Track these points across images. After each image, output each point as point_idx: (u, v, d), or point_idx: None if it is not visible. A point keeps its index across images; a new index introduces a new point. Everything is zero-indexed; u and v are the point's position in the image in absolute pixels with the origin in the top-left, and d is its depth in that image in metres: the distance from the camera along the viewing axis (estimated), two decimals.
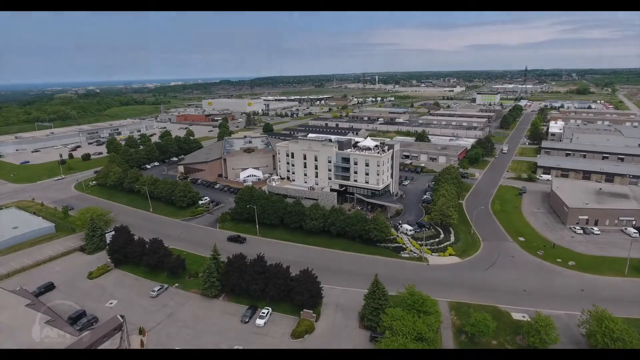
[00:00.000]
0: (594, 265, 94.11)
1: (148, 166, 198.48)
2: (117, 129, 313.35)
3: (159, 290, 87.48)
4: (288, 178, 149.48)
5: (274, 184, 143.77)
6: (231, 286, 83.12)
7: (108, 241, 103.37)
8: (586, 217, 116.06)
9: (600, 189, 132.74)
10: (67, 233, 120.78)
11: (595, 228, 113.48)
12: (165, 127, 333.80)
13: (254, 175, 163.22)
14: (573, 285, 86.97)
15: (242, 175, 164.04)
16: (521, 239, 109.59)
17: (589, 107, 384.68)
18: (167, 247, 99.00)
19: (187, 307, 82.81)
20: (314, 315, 75.60)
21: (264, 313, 77.28)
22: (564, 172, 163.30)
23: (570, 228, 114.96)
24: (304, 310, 75.85)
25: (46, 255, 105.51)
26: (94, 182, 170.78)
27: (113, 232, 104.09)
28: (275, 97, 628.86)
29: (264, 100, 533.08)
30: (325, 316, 78.06)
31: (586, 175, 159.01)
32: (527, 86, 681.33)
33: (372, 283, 72.67)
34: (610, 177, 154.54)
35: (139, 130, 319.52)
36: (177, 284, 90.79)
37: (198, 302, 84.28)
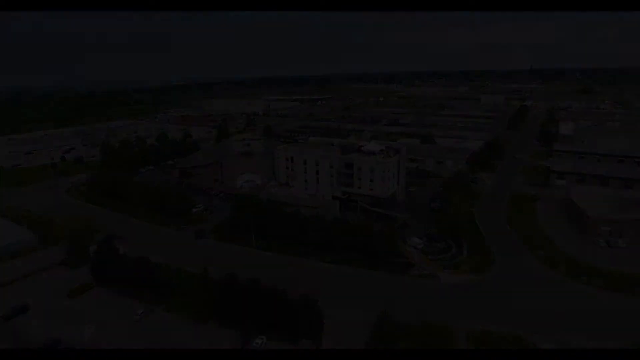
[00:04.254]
0: (625, 285, 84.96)
1: (142, 170, 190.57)
2: (114, 131, 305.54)
3: (142, 313, 79.27)
4: (287, 184, 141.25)
5: (272, 191, 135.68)
6: (221, 311, 74.84)
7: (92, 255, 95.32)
8: (609, 228, 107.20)
9: (623, 196, 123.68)
10: (50, 245, 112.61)
11: (620, 240, 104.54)
12: (163, 129, 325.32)
13: (252, 181, 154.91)
14: (604, 309, 78.04)
15: (240, 180, 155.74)
16: (540, 252, 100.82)
17: (597, 107, 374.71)
18: (154, 262, 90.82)
19: (173, 333, 74.53)
20: (314, 346, 67.06)
21: (257, 343, 68.89)
22: (579, 177, 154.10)
23: (593, 240, 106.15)
24: (303, 341, 67.36)
25: (24, 270, 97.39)
26: (84, 187, 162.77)
27: (97, 246, 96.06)
28: (277, 97, 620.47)
29: (265, 100, 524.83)
30: (325, 347, 69.44)
31: (604, 180, 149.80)
32: (532, 86, 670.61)
33: (379, 317, 63.71)
34: (630, 183, 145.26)
35: (135, 132, 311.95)
36: (163, 306, 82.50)
37: (185, 328, 75.99)
